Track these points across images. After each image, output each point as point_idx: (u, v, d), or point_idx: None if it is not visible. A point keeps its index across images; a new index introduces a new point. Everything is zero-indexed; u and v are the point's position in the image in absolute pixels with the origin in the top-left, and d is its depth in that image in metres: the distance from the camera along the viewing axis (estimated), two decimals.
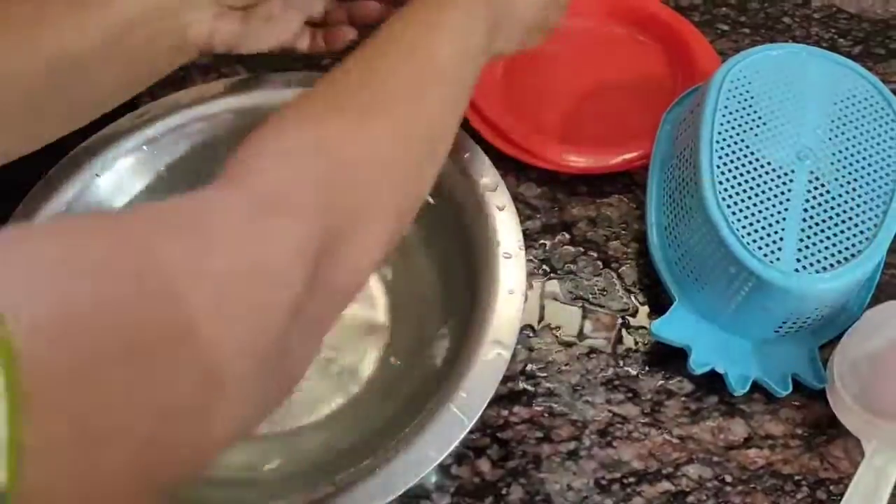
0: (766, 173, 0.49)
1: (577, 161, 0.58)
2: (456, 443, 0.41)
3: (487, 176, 0.50)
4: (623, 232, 0.58)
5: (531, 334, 0.53)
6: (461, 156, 0.51)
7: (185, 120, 0.54)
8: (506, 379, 0.51)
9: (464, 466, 0.48)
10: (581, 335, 0.53)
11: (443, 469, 0.48)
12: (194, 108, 0.55)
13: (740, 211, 0.48)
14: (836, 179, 0.49)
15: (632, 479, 0.48)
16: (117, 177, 0.53)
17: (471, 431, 0.42)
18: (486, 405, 0.42)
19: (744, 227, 0.47)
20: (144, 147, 0.53)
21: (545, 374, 0.52)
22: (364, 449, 0.42)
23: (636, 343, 0.53)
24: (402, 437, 0.41)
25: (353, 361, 0.51)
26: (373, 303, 0.53)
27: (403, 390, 0.48)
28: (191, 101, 0.55)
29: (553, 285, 0.55)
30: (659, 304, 0.54)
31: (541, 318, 0.54)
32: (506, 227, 0.48)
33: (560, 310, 0.54)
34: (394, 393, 0.48)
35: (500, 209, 0.49)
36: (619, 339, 0.53)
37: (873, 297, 0.52)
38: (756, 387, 0.50)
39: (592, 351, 0.53)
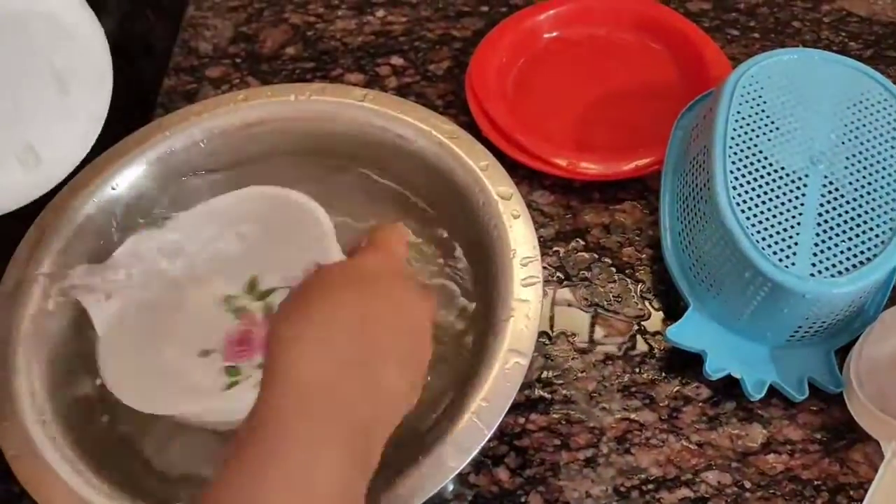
0: (780, 178, 0.49)
1: (590, 168, 0.58)
2: (475, 452, 0.41)
3: (502, 185, 0.50)
4: (637, 238, 0.58)
5: (547, 342, 0.53)
6: (477, 166, 0.51)
7: (197, 131, 0.55)
8: (522, 387, 0.51)
9: (482, 475, 0.49)
10: (596, 342, 0.53)
11: (461, 478, 0.48)
12: (206, 120, 0.55)
13: (755, 216, 0.48)
14: (851, 183, 0.49)
15: (650, 486, 0.48)
16: (133, 188, 0.53)
17: (488, 440, 0.42)
18: (504, 413, 0.42)
19: (758, 232, 0.47)
20: (159, 158, 0.54)
21: (561, 382, 0.52)
22: (386, 457, 0.42)
23: (652, 349, 0.53)
24: (421, 447, 0.41)
25: None
26: None
27: (422, 399, 0.48)
28: (203, 112, 0.55)
29: (568, 292, 0.56)
30: (674, 309, 0.54)
31: (556, 326, 0.54)
32: (521, 235, 0.48)
33: (575, 317, 0.54)
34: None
35: (516, 217, 0.49)
36: (635, 346, 0.53)
37: (889, 300, 0.52)
38: (773, 392, 0.50)
39: (608, 357, 0.53)
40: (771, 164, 0.50)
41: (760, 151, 0.50)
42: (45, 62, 0.43)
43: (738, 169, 0.50)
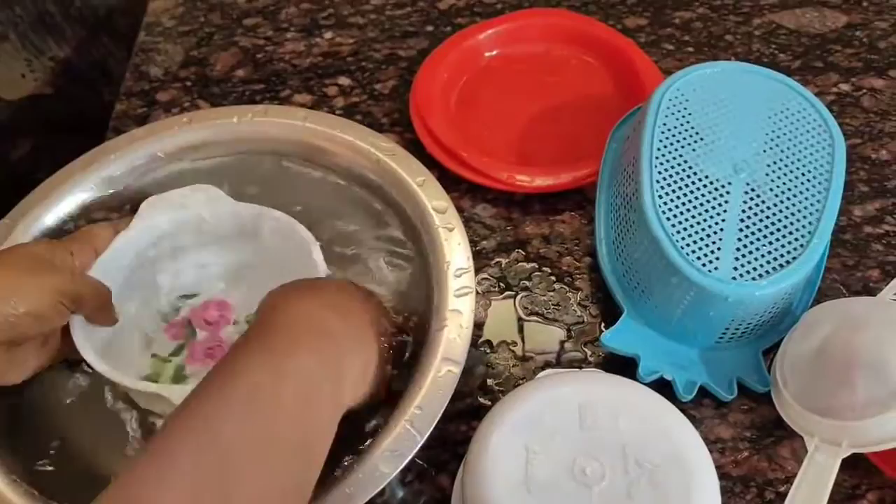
0: (704, 186, 0.51)
1: (530, 181, 0.60)
2: (409, 458, 0.42)
3: (438, 199, 0.52)
4: (576, 248, 0.60)
5: (489, 350, 0.55)
6: (415, 181, 0.53)
7: (146, 154, 0.56)
8: (465, 395, 0.53)
9: (426, 482, 0.50)
10: (536, 349, 0.55)
11: (405, 485, 0.50)
12: (155, 143, 0.56)
13: (679, 223, 0.50)
14: (772, 190, 0.51)
15: None
16: (80, 210, 0.54)
17: (432, 448, 0.43)
18: (437, 420, 0.43)
19: (683, 239, 0.49)
20: (107, 181, 0.55)
21: (503, 389, 0.53)
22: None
23: (590, 355, 0.55)
24: (356, 455, 0.42)
25: None
26: None
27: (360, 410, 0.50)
28: (153, 135, 0.57)
29: (509, 302, 0.57)
30: (611, 315, 0.55)
31: (497, 335, 0.56)
32: (455, 247, 0.49)
33: (516, 325, 0.56)
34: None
35: (450, 230, 0.50)
36: (574, 352, 0.55)
37: (815, 301, 0.54)
38: (705, 393, 0.51)
39: (548, 364, 0.54)
40: (696, 174, 0.52)
41: (686, 161, 0.52)
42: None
43: (665, 178, 0.52)
